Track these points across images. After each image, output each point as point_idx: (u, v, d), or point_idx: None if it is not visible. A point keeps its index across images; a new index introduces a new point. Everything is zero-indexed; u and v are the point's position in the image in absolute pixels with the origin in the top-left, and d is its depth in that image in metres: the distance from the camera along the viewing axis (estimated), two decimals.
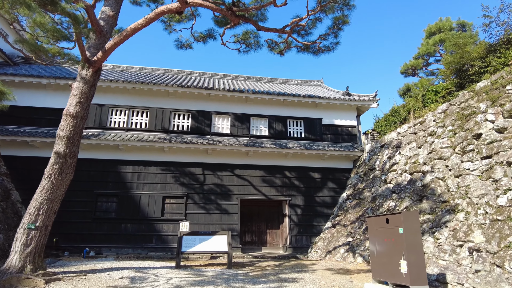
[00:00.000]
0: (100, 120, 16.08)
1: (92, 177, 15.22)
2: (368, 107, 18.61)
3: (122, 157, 15.63)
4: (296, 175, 16.98)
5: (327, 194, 17.01)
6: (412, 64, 20.65)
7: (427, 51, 19.96)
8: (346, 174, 17.57)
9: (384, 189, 13.28)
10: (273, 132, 17.45)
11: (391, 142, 14.90)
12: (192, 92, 16.65)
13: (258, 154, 16.58)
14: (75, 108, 8.77)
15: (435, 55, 20.25)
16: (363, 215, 13.48)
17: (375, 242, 6.88)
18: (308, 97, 17.58)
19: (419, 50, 20.57)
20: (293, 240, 16.04)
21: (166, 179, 15.71)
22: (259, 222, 17.40)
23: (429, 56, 20.26)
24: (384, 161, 14.59)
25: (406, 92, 19.93)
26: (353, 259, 11.60)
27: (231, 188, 16.18)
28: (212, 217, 15.59)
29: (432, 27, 20.51)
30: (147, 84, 16.19)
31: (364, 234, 12.26)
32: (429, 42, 20.03)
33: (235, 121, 17.20)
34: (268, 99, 17.40)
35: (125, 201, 15.07)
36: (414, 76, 21.46)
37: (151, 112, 16.56)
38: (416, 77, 21.19)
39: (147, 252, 14.57)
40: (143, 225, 14.97)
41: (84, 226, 14.55)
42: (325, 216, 16.64)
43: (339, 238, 13.88)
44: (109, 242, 14.51)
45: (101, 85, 15.99)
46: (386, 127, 16.39)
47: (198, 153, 16.17)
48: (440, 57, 19.61)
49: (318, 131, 17.87)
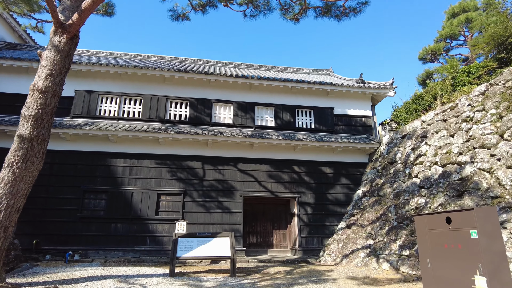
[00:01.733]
0: (89, 109, 14.46)
1: (78, 171, 13.61)
2: (384, 95, 16.94)
3: (112, 149, 14.02)
4: (305, 170, 15.32)
5: (340, 191, 15.35)
6: (433, 48, 18.90)
7: (450, 32, 18.19)
8: (361, 169, 15.90)
9: (409, 184, 11.62)
10: (280, 122, 15.80)
11: (414, 132, 13.24)
12: (191, 78, 15.01)
13: (263, 147, 14.94)
14: (45, 81, 7.14)
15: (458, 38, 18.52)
16: (384, 214, 11.83)
17: (427, 248, 5.21)
18: (319, 83, 15.92)
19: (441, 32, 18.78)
20: (303, 242, 14.38)
21: (161, 174, 14.08)
22: (264, 222, 15.75)
23: (452, 38, 18.51)
24: (407, 153, 12.92)
25: (426, 78, 18.25)
26: (377, 265, 9.94)
27: (233, 184, 14.54)
28: (212, 217, 13.96)
29: (455, 8, 18.74)
30: (140, 69, 14.56)
31: (388, 236, 10.60)
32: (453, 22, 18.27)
33: (238, 110, 15.55)
34: (275, 86, 15.75)
35: (115, 198, 13.45)
36: (433, 62, 19.77)
37: (145, 99, 14.93)
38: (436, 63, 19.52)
39: (140, 256, 12.95)
40: (135, 225, 13.34)
41: (68, 226, 12.94)
42: (338, 215, 14.98)
43: (357, 240, 12.22)
44: (97, 244, 12.89)
45: (90, 70, 14.39)
46: (407, 116, 14.72)
47: (197, 145, 14.54)
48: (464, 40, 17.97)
49: (329, 122, 16.21)
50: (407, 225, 10.20)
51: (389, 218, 11.39)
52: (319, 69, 21.07)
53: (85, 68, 14.31)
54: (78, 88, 14.60)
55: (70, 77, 14.60)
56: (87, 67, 14.30)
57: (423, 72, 18.64)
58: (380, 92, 16.70)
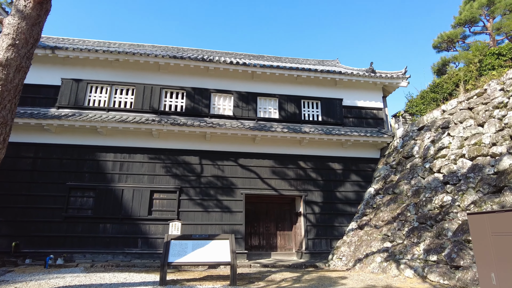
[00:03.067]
0: (76, 98, 13.27)
1: (64, 166, 12.41)
2: (396, 86, 15.69)
3: (101, 142, 12.82)
4: (312, 166, 14.08)
5: (350, 188, 14.11)
6: (449, 35, 17.56)
7: (470, 16, 16.84)
8: (372, 164, 14.66)
9: (430, 180, 10.38)
10: (284, 114, 14.57)
11: (433, 123, 11.99)
12: (187, 65, 13.80)
13: (267, 140, 13.72)
14: (6, 53, 5.93)
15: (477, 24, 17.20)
16: (402, 214, 10.58)
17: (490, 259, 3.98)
18: (327, 72, 14.69)
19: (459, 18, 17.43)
20: (310, 244, 13.14)
21: (155, 170, 12.87)
22: (267, 223, 14.52)
23: (472, 23, 17.19)
24: (426, 146, 11.68)
25: (442, 67, 17.01)
26: (397, 271, 8.70)
27: (234, 181, 13.32)
28: (211, 216, 12.73)
29: None
30: (132, 55, 13.36)
31: (409, 238, 9.35)
32: (473, 5, 16.94)
33: (238, 101, 14.34)
34: (279, 75, 14.52)
35: (104, 196, 12.25)
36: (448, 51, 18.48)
37: (137, 89, 13.73)
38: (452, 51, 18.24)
39: (130, 259, 11.73)
40: (126, 225, 12.13)
41: (52, 227, 11.74)
42: (348, 215, 13.74)
43: (371, 242, 10.98)
44: (83, 247, 11.69)
45: (78, 56, 13.20)
46: (424, 107, 13.50)
47: (194, 138, 13.33)
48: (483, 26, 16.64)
49: (338, 114, 14.97)
50: (432, 226, 8.96)
51: (409, 218, 10.15)
52: (325, 60, 19.83)
53: (73, 55, 13.12)
54: (65, 77, 13.41)
55: (56, 65, 13.46)
56: (74, 53, 13.11)
57: (439, 60, 17.37)
58: (393, 82, 15.45)
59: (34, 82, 13.11)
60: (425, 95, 13.63)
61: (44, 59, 13.28)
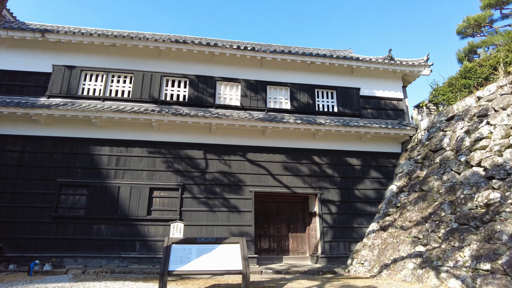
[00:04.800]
0: (69, 87, 12.08)
1: (54, 161, 11.22)
2: (417, 74, 14.39)
3: (96, 135, 11.62)
4: (328, 161, 12.81)
5: (370, 186, 12.81)
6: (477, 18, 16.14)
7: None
8: (393, 160, 13.36)
9: (468, 174, 9.06)
10: (296, 105, 13.31)
11: (466, 112, 10.68)
12: (191, 51, 12.57)
13: (277, 133, 12.47)
14: None
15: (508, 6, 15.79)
16: (435, 213, 9.28)
17: None
18: (343, 58, 13.41)
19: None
20: (327, 247, 11.86)
21: (154, 165, 11.65)
22: (279, 224, 13.24)
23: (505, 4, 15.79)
24: (459, 138, 10.37)
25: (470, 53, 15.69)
26: (437, 281, 7.40)
27: (242, 177, 12.07)
28: (217, 217, 11.49)
29: None
30: (130, 39, 12.16)
31: (448, 242, 8.05)
32: None
33: (246, 90, 13.09)
34: (291, 61, 13.26)
35: (98, 194, 11.04)
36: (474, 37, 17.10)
37: (136, 77, 12.52)
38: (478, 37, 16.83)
39: (127, 264, 10.51)
40: (123, 226, 10.91)
41: (41, 228, 10.54)
42: (368, 215, 12.45)
43: (399, 245, 9.68)
44: (75, 250, 10.48)
45: (71, 40, 12.02)
46: (453, 95, 12.19)
47: (198, 130, 12.10)
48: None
49: (355, 105, 13.69)
50: (477, 228, 7.65)
51: (444, 218, 8.85)
52: (337, 49, 18.55)
53: (65, 39, 11.94)
54: (57, 63, 12.23)
55: (46, 50, 12.30)
56: (67, 37, 11.93)
57: (466, 45, 16.00)
58: (414, 70, 14.15)
59: (22, 69, 11.98)
60: (454, 82, 12.32)
61: (33, 43, 12.12)
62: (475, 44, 15.53)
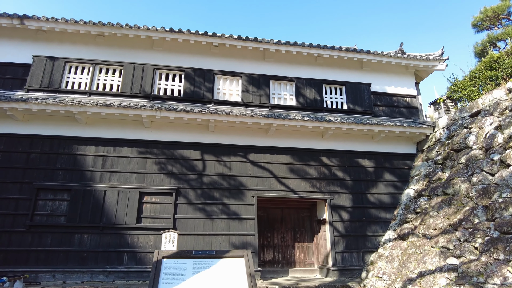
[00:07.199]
0: (51, 80, 10.85)
1: (32, 162, 9.92)
2: (431, 69, 13.37)
3: (80, 132, 10.36)
4: (338, 162, 11.63)
5: (384, 190, 11.63)
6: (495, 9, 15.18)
7: None
8: (408, 161, 12.22)
9: (505, 175, 7.92)
10: (302, 101, 12.17)
11: (495, 106, 9.59)
12: (187, 41, 11.42)
13: (282, 132, 11.30)
14: None
15: None
16: (466, 220, 8.09)
17: None
18: (353, 51, 12.36)
19: None
20: (338, 258, 10.59)
21: (145, 167, 10.39)
22: (284, 232, 11.96)
23: None
24: (488, 134, 9.25)
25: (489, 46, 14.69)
26: None
27: (243, 180, 10.84)
28: (215, 225, 10.20)
29: None
30: (120, 28, 11.00)
31: (489, 254, 6.85)
32: None
33: (248, 85, 11.94)
34: (296, 54, 12.17)
35: (81, 199, 9.72)
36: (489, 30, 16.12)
37: (126, 69, 11.33)
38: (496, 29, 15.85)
39: (113, 280, 9.17)
40: (109, 236, 9.58)
41: (12, 239, 9.18)
42: (383, 222, 11.24)
43: (424, 257, 8.46)
44: (53, 264, 9.12)
45: (54, 28, 10.83)
46: (476, 89, 11.13)
47: (194, 128, 10.89)
48: None
49: (366, 101, 12.58)
50: None
51: (479, 226, 7.66)
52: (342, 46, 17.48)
53: (47, 26, 10.74)
54: (38, 53, 11.02)
55: (26, 39, 11.10)
56: (49, 25, 10.73)
57: (485, 38, 15.03)
58: (428, 65, 13.12)
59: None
60: (477, 74, 11.26)
61: (10, 31, 10.92)
62: (495, 36, 14.58)
